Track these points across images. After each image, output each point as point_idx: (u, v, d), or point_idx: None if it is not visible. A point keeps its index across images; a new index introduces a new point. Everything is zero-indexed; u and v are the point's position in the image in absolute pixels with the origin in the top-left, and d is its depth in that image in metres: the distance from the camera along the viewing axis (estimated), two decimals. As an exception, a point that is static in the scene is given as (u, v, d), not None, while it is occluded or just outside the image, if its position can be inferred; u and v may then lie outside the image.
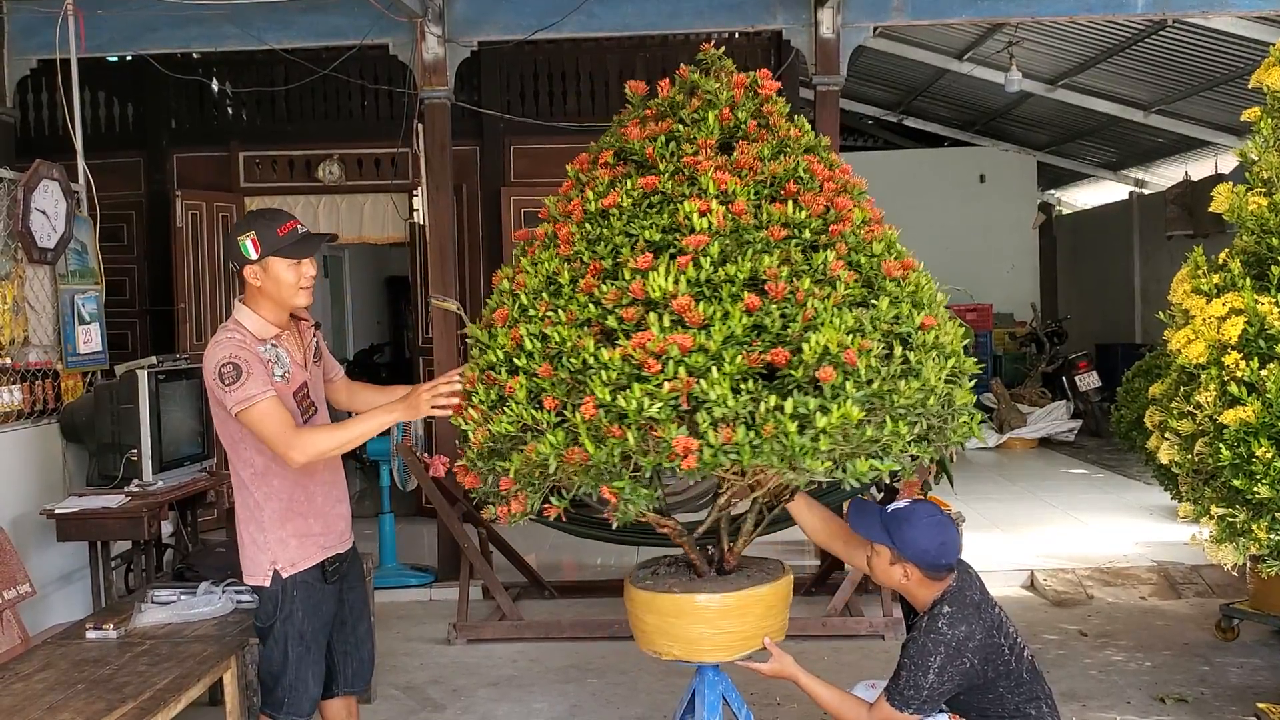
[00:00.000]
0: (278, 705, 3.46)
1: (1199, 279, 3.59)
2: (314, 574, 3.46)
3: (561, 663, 5.57)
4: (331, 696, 3.66)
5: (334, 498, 3.57)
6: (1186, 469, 3.63)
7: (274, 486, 3.40)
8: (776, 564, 3.52)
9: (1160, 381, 3.91)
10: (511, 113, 9.02)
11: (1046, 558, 7.14)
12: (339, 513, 3.59)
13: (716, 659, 3.36)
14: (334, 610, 3.57)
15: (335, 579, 3.53)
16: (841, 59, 6.75)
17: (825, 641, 5.69)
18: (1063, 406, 12.41)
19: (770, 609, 3.36)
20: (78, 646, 3.84)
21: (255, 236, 3.31)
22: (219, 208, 9.04)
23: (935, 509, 3.31)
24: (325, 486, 3.54)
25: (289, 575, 3.41)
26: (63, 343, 5.91)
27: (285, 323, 3.45)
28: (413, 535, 7.83)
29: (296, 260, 3.35)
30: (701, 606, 3.25)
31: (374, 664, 3.85)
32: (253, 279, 3.36)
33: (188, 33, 7.03)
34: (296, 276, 3.36)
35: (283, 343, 3.43)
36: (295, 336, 3.52)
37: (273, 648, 3.44)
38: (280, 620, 3.42)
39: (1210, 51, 10.04)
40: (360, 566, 3.79)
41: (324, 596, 3.50)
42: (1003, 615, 3.34)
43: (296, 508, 3.43)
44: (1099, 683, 5.08)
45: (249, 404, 3.20)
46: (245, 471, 3.41)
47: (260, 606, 3.47)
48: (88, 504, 5.17)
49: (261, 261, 3.32)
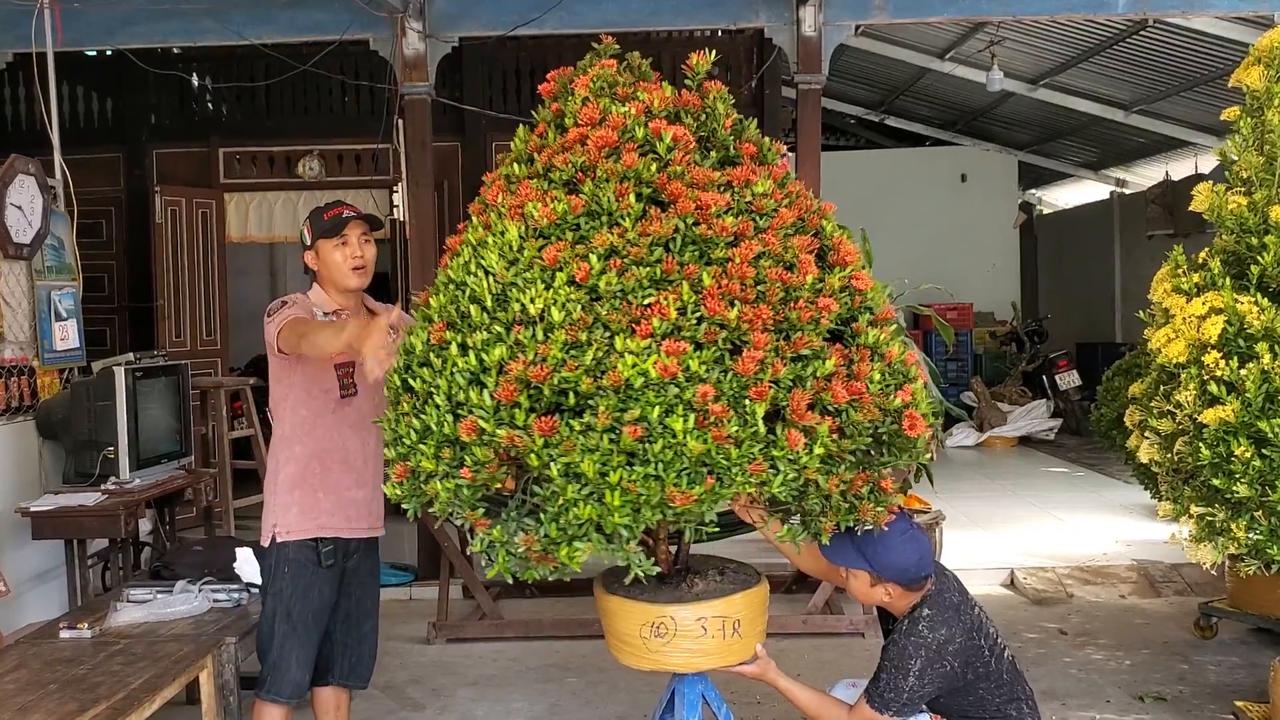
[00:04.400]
0: (262, 682, 3.53)
1: (1179, 278, 3.59)
2: (306, 552, 3.49)
3: (541, 662, 5.55)
4: (325, 684, 3.70)
5: (351, 480, 3.59)
6: (1166, 468, 3.63)
7: (294, 452, 3.53)
8: (751, 571, 3.41)
9: (1140, 380, 3.92)
10: (494, 109, 8.98)
11: (1027, 556, 7.15)
12: (355, 498, 3.60)
13: (746, 655, 3.29)
14: (331, 599, 3.58)
15: (331, 564, 3.53)
16: (824, 57, 6.74)
17: (806, 639, 5.68)
18: (1043, 405, 12.46)
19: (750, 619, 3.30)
20: (51, 646, 3.80)
21: (309, 224, 3.59)
22: (199, 204, 8.99)
23: (905, 523, 3.23)
24: (344, 466, 3.57)
25: (282, 541, 3.48)
26: (39, 339, 5.85)
27: (352, 306, 3.60)
28: (393, 534, 7.62)
29: (340, 239, 3.51)
30: (737, 607, 3.18)
31: (374, 664, 3.84)
32: (312, 263, 3.60)
33: (166, 26, 6.96)
34: (343, 256, 3.52)
35: (343, 320, 3.47)
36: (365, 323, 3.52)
37: (264, 620, 3.55)
38: (271, 592, 3.51)
39: (1190, 52, 10.08)
40: (375, 565, 3.79)
41: (317, 580, 3.51)
42: (983, 616, 3.34)
43: (310, 479, 3.52)
44: (1078, 681, 5.09)
45: (285, 320, 3.37)
46: (279, 431, 3.60)
47: (262, 571, 3.62)
48: (64, 502, 5.12)
49: (314, 246, 3.55)
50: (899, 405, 2.80)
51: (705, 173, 2.86)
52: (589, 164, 2.85)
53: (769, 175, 2.95)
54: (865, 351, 2.81)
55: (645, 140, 2.88)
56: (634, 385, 2.53)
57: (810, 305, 2.74)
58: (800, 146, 6.77)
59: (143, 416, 5.45)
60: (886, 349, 2.84)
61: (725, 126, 3.03)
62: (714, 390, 2.55)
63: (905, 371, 2.88)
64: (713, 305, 2.62)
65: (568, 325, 2.63)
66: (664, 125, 2.88)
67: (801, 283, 2.75)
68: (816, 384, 2.68)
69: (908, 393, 2.83)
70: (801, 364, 2.70)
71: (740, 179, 2.90)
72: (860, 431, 2.72)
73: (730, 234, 2.74)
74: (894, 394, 2.81)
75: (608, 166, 2.82)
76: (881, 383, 2.78)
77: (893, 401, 2.79)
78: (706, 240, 2.74)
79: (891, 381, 2.82)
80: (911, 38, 11.94)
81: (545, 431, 2.57)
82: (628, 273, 2.67)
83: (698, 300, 2.65)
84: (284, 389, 3.56)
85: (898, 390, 2.82)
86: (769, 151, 3.10)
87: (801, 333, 2.71)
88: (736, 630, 3.19)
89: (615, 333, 2.60)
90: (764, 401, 2.58)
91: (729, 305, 2.64)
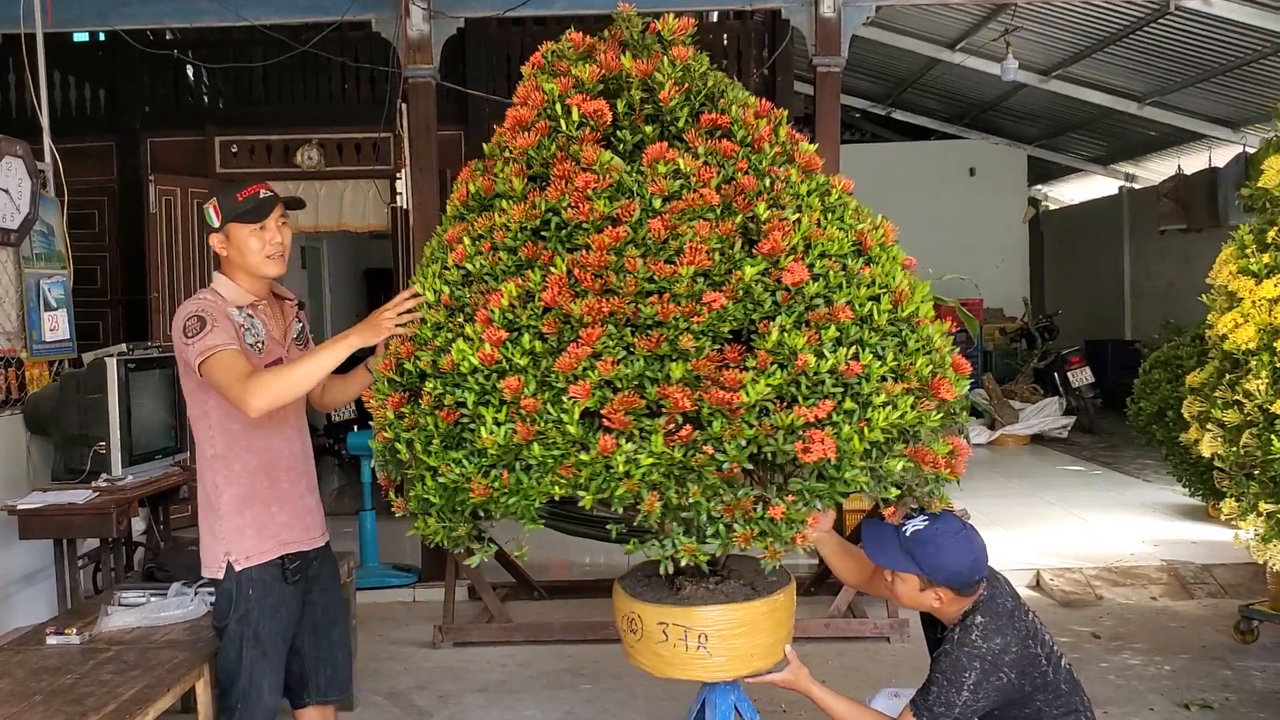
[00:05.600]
0: (230, 711, 3.22)
1: (1247, 259, 3.35)
2: (272, 571, 3.20)
3: (553, 667, 5.31)
4: (304, 705, 3.42)
5: (303, 487, 3.32)
6: (1231, 462, 3.39)
7: (235, 471, 3.18)
8: (767, 585, 3.15)
9: (1200, 369, 3.68)
10: (498, 95, 8.73)
11: (1051, 556, 6.92)
12: (307, 505, 3.33)
13: (716, 678, 3.08)
14: (297, 613, 3.30)
15: (298, 579, 3.26)
16: (843, 39, 6.50)
17: (829, 644, 5.45)
18: (1055, 403, 12.23)
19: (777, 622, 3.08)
20: (36, 654, 3.56)
21: (216, 203, 3.19)
22: (194, 193, 8.71)
23: (957, 522, 3.02)
24: (292, 474, 3.29)
25: (243, 569, 3.17)
26: (27, 329, 5.60)
27: (263, 293, 3.27)
28: (395, 533, 7.49)
29: (258, 224, 3.16)
30: (704, 621, 2.94)
31: (351, 670, 3.59)
32: (219, 247, 3.22)
33: (160, 8, 6.72)
34: (260, 243, 3.18)
35: (259, 313, 3.23)
36: (275, 312, 3.32)
37: (228, 648, 3.21)
38: (235, 619, 3.18)
39: (1209, 40, 9.87)
40: (334, 567, 3.53)
41: (284, 597, 3.23)
42: (1037, 622, 3.10)
43: (258, 494, 3.20)
44: (1118, 688, 4.86)
45: (211, 353, 3.01)
46: (208, 451, 3.20)
47: (216, 603, 3.25)
48: (53, 499, 4.87)
49: (224, 229, 3.18)
50: (800, 423, 2.45)
51: (594, 151, 2.69)
52: (503, 144, 2.87)
53: (711, 151, 2.71)
54: (765, 357, 2.49)
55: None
56: (463, 370, 2.57)
57: (690, 300, 2.50)
58: (819, 133, 6.52)
59: (135, 410, 5.21)
60: (799, 355, 2.46)
61: (667, 96, 2.76)
62: (519, 383, 2.50)
63: (836, 383, 2.50)
64: (549, 296, 2.54)
65: (437, 306, 2.75)
66: (581, 101, 2.76)
67: (675, 274, 2.51)
68: (662, 388, 2.45)
69: (824, 409, 2.45)
70: (658, 364, 2.49)
71: (653, 157, 2.67)
72: (733, 447, 2.44)
73: (599, 218, 2.59)
74: (796, 409, 2.45)
75: (515, 146, 2.81)
76: (775, 392, 2.45)
77: (790, 418, 2.45)
78: (576, 225, 2.63)
79: (802, 394, 2.48)
80: (923, 26, 11.71)
81: (394, 405, 2.76)
82: (493, 256, 2.69)
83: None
84: (204, 408, 3.18)
85: (804, 406, 2.46)
86: (742, 123, 2.79)
87: (662, 330, 2.49)
88: (703, 644, 2.94)
89: (469, 318, 2.65)
90: (585, 400, 2.45)
91: (576, 296, 2.53)
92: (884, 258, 2.75)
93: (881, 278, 2.67)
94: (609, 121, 2.78)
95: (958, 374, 2.71)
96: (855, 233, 2.75)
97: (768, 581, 3.12)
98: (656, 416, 2.46)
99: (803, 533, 2.53)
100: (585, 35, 2.99)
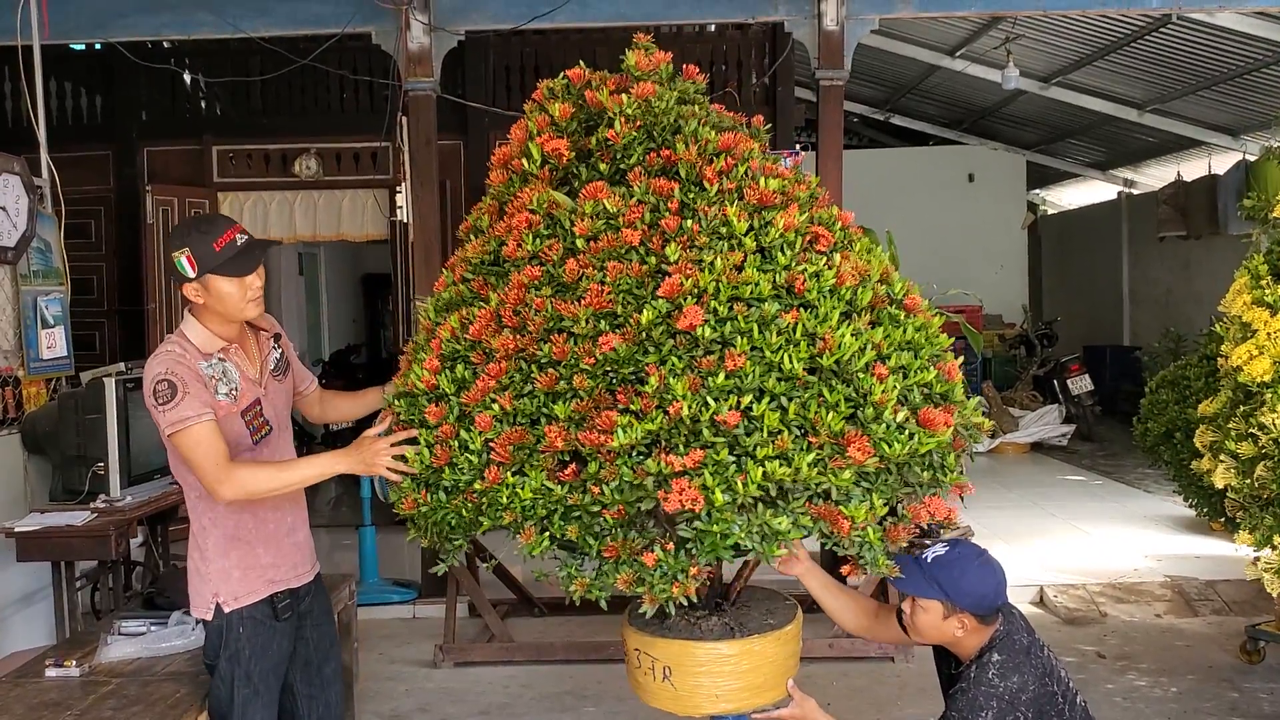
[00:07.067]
0: None
1: (1261, 290, 3.31)
2: (262, 610, 3.15)
3: (555, 688, 5.27)
4: None
5: (288, 526, 3.25)
6: (1245, 494, 3.36)
7: (219, 512, 3.10)
8: (789, 603, 3.16)
9: (1212, 398, 3.64)
10: (498, 106, 8.69)
11: (1054, 572, 6.89)
12: (293, 542, 3.27)
13: (722, 711, 3.05)
14: (289, 650, 3.25)
15: (289, 616, 3.21)
16: (846, 52, 6.46)
17: (832, 664, 5.42)
18: (1055, 410, 12.18)
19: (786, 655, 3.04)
20: (35, 687, 3.50)
21: (190, 254, 2.99)
22: (191, 203, 8.69)
23: (977, 548, 3.02)
24: (279, 514, 3.22)
25: (231, 610, 3.11)
26: (24, 347, 5.56)
27: (236, 335, 3.15)
28: (394, 548, 7.48)
29: (239, 276, 3.04)
30: (708, 655, 2.89)
31: (343, 705, 3.54)
32: (194, 296, 3.06)
33: (158, 19, 6.67)
34: (241, 291, 3.05)
35: (231, 356, 3.11)
36: (250, 349, 3.20)
37: (219, 686, 3.14)
38: (225, 659, 3.12)
39: (1210, 49, 9.83)
40: (326, 601, 3.46)
41: (275, 635, 3.18)
42: (1053, 658, 3.07)
43: (243, 535, 3.13)
44: (1124, 711, 4.83)
45: (182, 427, 2.92)
46: (191, 493, 3.14)
47: (206, 642, 3.18)
48: (51, 521, 4.82)
49: (200, 279, 3.02)
50: (668, 471, 2.37)
51: (536, 190, 2.82)
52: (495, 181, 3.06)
53: (649, 190, 2.68)
54: (649, 402, 2.42)
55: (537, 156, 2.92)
56: (414, 393, 2.76)
57: (587, 340, 2.52)
58: (821, 145, 6.49)
59: (134, 430, 5.14)
60: (674, 402, 2.38)
61: (615, 135, 2.78)
62: (442, 410, 2.66)
63: (716, 433, 2.39)
64: (475, 329, 2.68)
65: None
66: (547, 141, 2.87)
67: (573, 314, 2.54)
68: (547, 427, 2.52)
69: (693, 458, 2.35)
70: (552, 400, 2.54)
71: (586, 196, 2.72)
72: (610, 490, 2.42)
73: (526, 256, 2.71)
74: (665, 457, 2.37)
75: (490, 182, 3.02)
76: (650, 438, 2.40)
77: (659, 466, 2.38)
78: (511, 262, 2.76)
79: (681, 442, 2.40)
80: (924, 34, 11.68)
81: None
82: (454, 288, 2.86)
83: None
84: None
85: (677, 455, 2.38)
86: (686, 161, 2.72)
87: (558, 369, 2.54)
88: (667, 677, 2.91)
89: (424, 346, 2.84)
90: (486, 431, 2.57)
91: (498, 331, 2.65)
92: (824, 303, 2.54)
93: (811, 324, 2.49)
94: (565, 161, 2.86)
95: (927, 429, 2.49)
96: (788, 274, 2.56)
97: (782, 613, 3.09)
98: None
99: (689, 582, 2.46)
100: (587, 69, 3.00)
